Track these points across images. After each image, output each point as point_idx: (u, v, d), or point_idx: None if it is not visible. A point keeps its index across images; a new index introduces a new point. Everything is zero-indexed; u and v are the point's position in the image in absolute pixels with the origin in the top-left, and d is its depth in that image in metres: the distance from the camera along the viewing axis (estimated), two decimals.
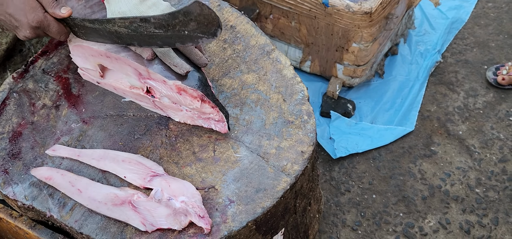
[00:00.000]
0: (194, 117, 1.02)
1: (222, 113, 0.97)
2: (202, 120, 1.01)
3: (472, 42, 2.35)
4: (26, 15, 0.96)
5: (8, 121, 1.07)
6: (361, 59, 1.86)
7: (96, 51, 1.01)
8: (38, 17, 0.96)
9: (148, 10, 0.97)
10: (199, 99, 0.96)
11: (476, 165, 1.86)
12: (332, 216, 1.72)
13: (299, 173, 0.97)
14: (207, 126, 1.02)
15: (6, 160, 1.01)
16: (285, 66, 1.14)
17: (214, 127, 1.00)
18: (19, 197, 0.96)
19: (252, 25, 1.22)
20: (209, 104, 0.96)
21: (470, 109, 2.05)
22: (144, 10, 0.97)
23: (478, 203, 1.74)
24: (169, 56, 0.96)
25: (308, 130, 1.03)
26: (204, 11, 0.84)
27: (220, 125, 0.99)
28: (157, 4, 0.99)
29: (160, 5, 0.99)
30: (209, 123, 1.01)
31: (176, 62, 0.96)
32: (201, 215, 0.88)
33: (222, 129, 0.99)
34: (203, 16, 0.84)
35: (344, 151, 1.87)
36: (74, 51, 1.06)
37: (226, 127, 0.99)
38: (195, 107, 0.97)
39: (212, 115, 0.98)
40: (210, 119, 1.00)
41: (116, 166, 0.98)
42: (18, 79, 1.13)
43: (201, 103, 0.96)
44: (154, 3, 0.98)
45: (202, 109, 0.98)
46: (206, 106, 0.97)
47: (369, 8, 1.66)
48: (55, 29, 0.99)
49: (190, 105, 0.98)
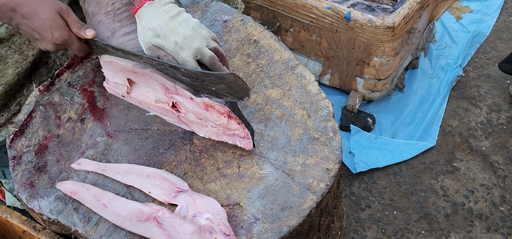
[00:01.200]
0: (219, 133, 1.01)
1: (247, 130, 0.97)
2: (227, 136, 1.01)
3: (494, 56, 2.31)
4: (52, 32, 0.98)
5: (34, 133, 1.08)
6: (382, 73, 1.84)
7: (123, 67, 1.02)
8: (64, 35, 0.99)
9: (178, 27, 0.97)
10: (226, 116, 0.95)
11: (500, 182, 1.82)
12: (353, 233, 1.69)
13: (325, 191, 0.95)
14: (232, 142, 1.01)
15: (32, 173, 1.01)
16: (309, 82, 1.13)
17: (239, 143, 1.00)
18: (44, 211, 0.96)
19: (276, 39, 1.21)
20: (235, 120, 0.95)
21: (493, 124, 2.02)
22: (174, 26, 0.97)
23: (503, 222, 1.70)
24: None
25: (334, 147, 1.02)
26: (238, 81, 0.89)
27: (245, 142, 0.99)
28: (187, 20, 0.99)
29: (190, 22, 0.99)
30: (234, 139, 1.00)
31: None
32: (226, 232, 0.87)
33: (247, 145, 0.99)
34: (236, 84, 0.90)
35: (364, 166, 1.85)
36: (105, 66, 1.07)
37: (251, 144, 0.98)
38: (221, 123, 0.97)
39: (238, 132, 0.97)
40: (235, 135, 0.99)
41: (141, 181, 0.97)
42: (44, 92, 1.14)
43: (228, 120, 0.95)
44: (184, 20, 0.99)
45: (228, 126, 0.97)
46: (233, 123, 0.96)
47: (392, 23, 1.64)
48: (77, 47, 1.03)
49: (217, 121, 0.97)
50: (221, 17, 1.27)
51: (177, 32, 0.96)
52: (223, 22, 1.26)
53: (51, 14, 0.97)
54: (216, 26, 1.25)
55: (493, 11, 2.52)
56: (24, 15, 0.97)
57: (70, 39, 1.00)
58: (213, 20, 1.26)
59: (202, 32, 0.99)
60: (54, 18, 0.98)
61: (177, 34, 0.96)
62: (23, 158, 1.04)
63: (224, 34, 1.23)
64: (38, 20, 0.97)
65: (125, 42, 1.03)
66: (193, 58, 0.96)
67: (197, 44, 0.97)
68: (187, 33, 0.97)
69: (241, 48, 1.20)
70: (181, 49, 0.96)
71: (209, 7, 1.30)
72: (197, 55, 0.97)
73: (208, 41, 0.99)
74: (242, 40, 1.22)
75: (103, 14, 1.06)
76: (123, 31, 1.04)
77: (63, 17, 0.99)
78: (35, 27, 0.98)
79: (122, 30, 1.04)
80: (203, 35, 0.99)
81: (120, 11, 1.06)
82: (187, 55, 0.96)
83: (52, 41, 0.99)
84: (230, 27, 1.25)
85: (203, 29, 1.00)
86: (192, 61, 0.96)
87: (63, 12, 0.99)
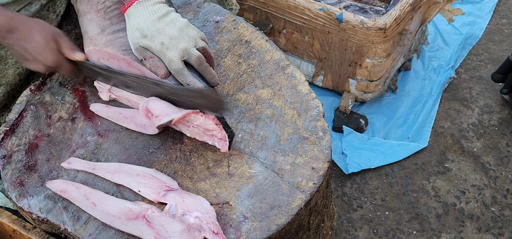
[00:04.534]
0: (200, 133, 1.02)
1: (224, 132, 0.97)
2: (207, 136, 1.02)
3: (487, 58, 2.33)
4: (45, 56, 1.01)
5: (24, 133, 1.08)
6: (375, 74, 1.85)
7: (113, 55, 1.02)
8: (56, 59, 1.02)
9: (165, 27, 0.97)
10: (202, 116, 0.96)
11: (491, 182, 1.83)
12: (344, 233, 1.70)
13: (314, 190, 0.96)
14: (211, 142, 1.02)
15: (22, 172, 1.02)
16: (300, 82, 1.14)
17: (217, 144, 1.01)
18: (34, 210, 0.96)
19: (267, 40, 1.22)
20: (213, 121, 0.96)
21: (485, 126, 2.03)
22: (161, 27, 0.97)
23: (493, 222, 1.71)
24: (183, 74, 0.97)
25: (323, 146, 1.02)
26: (216, 96, 0.94)
27: (222, 143, 1.00)
28: (175, 21, 0.99)
29: (177, 22, 0.99)
30: (213, 140, 1.01)
31: (189, 81, 0.97)
32: (215, 231, 0.88)
33: (222, 147, 1.00)
34: (213, 99, 0.94)
35: (357, 167, 1.86)
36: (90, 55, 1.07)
37: (226, 146, 0.99)
38: (199, 123, 0.98)
39: (215, 132, 0.98)
40: (214, 136, 1.00)
41: (131, 180, 0.98)
42: (36, 92, 1.14)
43: (205, 119, 0.96)
44: (172, 20, 0.99)
45: (205, 126, 0.98)
46: (210, 123, 0.96)
47: (384, 24, 1.66)
48: (67, 69, 1.06)
49: (194, 121, 0.98)
50: (213, 18, 1.27)
51: (163, 33, 0.97)
52: (215, 22, 1.26)
53: (46, 37, 1.00)
54: (208, 26, 1.26)
55: (485, 13, 2.54)
56: (19, 37, 0.99)
57: (60, 62, 1.03)
58: (205, 21, 1.27)
59: (189, 32, 0.99)
60: (48, 42, 1.01)
61: (164, 35, 0.97)
62: (13, 156, 1.04)
63: (216, 34, 1.24)
64: (33, 43, 1.00)
65: (114, 39, 1.03)
66: (180, 59, 0.97)
67: (184, 44, 0.97)
68: (174, 33, 0.97)
69: (232, 49, 1.21)
70: (168, 50, 0.96)
71: (201, 8, 1.30)
72: (184, 55, 0.97)
73: (196, 41, 0.99)
74: (234, 41, 1.22)
75: (94, 12, 1.07)
76: (112, 29, 1.05)
77: (56, 41, 1.02)
78: (29, 49, 1.00)
79: (111, 28, 1.05)
80: (190, 35, 0.99)
81: (110, 9, 1.06)
82: (173, 55, 0.96)
83: (44, 64, 1.02)
84: (222, 28, 1.25)
85: (191, 29, 1.00)
86: (178, 62, 0.96)
87: (56, 35, 1.02)
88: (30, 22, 1.01)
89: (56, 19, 1.23)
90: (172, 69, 0.97)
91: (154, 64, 0.98)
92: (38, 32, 1.00)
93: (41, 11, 1.18)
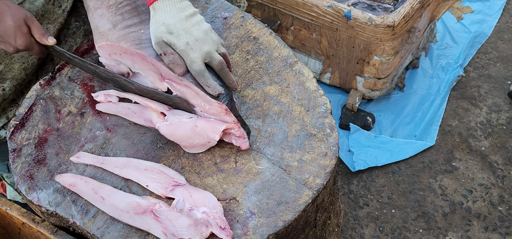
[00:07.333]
0: None
1: (243, 130, 0.98)
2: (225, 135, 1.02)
3: (495, 57, 2.31)
4: (15, 39, 1.03)
5: (34, 127, 1.09)
6: (382, 72, 1.84)
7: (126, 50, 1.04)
8: (26, 42, 1.05)
9: (191, 28, 0.98)
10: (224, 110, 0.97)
11: (499, 182, 1.82)
12: (350, 230, 1.70)
13: (321, 186, 0.96)
14: (228, 140, 1.02)
15: (31, 165, 1.03)
16: (308, 79, 1.14)
17: (235, 142, 1.01)
18: (43, 203, 0.97)
19: (275, 36, 1.22)
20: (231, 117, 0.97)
21: (493, 125, 2.02)
22: (188, 27, 0.98)
23: (501, 221, 1.70)
24: (203, 76, 0.98)
25: (331, 143, 1.02)
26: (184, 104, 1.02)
27: (241, 141, 1.00)
28: (201, 23, 1.01)
29: (203, 25, 1.01)
30: (230, 137, 1.01)
31: (210, 83, 0.99)
32: (222, 226, 0.88)
33: (243, 144, 1.00)
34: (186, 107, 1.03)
35: (363, 164, 1.85)
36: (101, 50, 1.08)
37: (246, 143, 1.00)
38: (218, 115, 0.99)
39: (233, 131, 0.99)
40: (231, 134, 1.00)
41: (139, 175, 0.99)
42: (45, 86, 1.15)
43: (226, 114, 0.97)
44: (198, 22, 1.00)
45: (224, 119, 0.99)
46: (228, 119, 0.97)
47: (392, 22, 1.65)
48: (37, 51, 1.08)
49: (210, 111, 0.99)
50: (221, 14, 1.27)
51: (190, 33, 0.98)
52: (223, 19, 1.26)
53: (17, 21, 1.03)
54: (216, 23, 1.26)
55: (494, 11, 2.51)
56: None
57: (31, 44, 1.06)
58: (213, 17, 1.27)
59: (213, 37, 1.01)
60: (19, 25, 1.03)
61: (190, 35, 0.98)
62: (23, 150, 1.05)
63: (224, 31, 1.24)
64: (4, 26, 1.02)
65: (127, 34, 1.04)
66: (202, 61, 0.98)
67: (208, 48, 0.99)
68: (199, 35, 0.99)
69: (240, 45, 1.21)
70: (192, 50, 0.98)
71: (210, 4, 1.31)
72: (206, 58, 0.99)
73: (218, 46, 1.01)
74: (242, 37, 1.22)
75: (105, 8, 1.08)
76: (124, 24, 1.05)
77: (27, 24, 1.04)
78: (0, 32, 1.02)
79: (123, 23, 1.05)
80: (214, 39, 1.01)
81: (122, 5, 1.07)
82: (197, 57, 0.97)
83: (14, 46, 1.05)
84: (230, 24, 1.25)
85: (214, 34, 1.02)
86: (200, 64, 0.98)
87: (28, 20, 1.05)
88: (1, 5, 1.03)
89: (63, 14, 1.24)
90: (193, 69, 0.98)
91: (173, 61, 0.98)
92: (10, 16, 1.02)
93: (46, 5, 1.19)
